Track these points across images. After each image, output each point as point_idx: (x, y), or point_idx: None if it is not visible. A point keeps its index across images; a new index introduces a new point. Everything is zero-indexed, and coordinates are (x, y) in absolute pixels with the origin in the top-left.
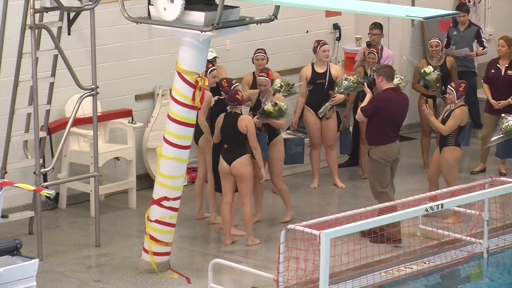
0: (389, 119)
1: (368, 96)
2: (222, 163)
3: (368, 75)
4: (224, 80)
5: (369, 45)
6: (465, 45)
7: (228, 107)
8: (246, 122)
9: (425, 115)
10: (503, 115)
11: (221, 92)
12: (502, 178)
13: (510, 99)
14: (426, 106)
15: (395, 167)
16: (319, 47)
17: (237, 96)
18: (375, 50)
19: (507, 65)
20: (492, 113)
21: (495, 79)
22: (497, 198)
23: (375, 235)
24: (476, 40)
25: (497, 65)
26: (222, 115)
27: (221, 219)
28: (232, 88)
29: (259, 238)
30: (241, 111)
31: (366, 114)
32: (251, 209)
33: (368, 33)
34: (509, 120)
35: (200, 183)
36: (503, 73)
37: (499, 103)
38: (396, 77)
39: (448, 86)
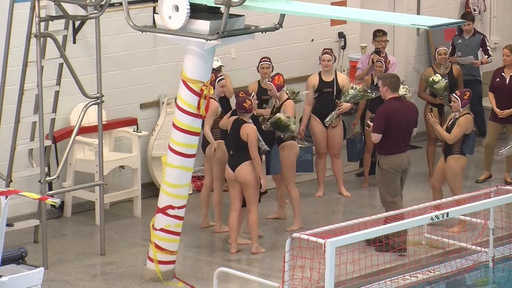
0: (396, 129)
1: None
2: (227, 170)
3: (375, 83)
4: (242, 92)
5: (378, 52)
6: (470, 53)
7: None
8: (248, 130)
9: (430, 123)
10: None
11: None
12: (508, 187)
13: None
14: (431, 115)
15: (404, 177)
16: (320, 56)
17: (244, 104)
18: (383, 59)
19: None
20: (496, 121)
21: (499, 88)
22: (503, 207)
23: (380, 244)
24: (481, 49)
25: (502, 73)
26: (231, 119)
27: (228, 227)
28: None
29: (264, 246)
30: (248, 119)
31: (379, 131)
32: (257, 216)
33: (376, 40)
34: None
35: (206, 192)
36: (507, 81)
37: (503, 112)
38: (403, 87)
39: (453, 94)
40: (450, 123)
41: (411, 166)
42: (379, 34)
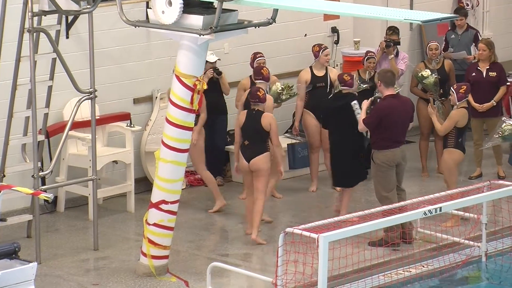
0: (392, 126)
1: (363, 113)
2: (242, 161)
3: (367, 79)
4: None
5: (388, 45)
6: (463, 48)
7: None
8: (270, 119)
9: (423, 118)
10: (503, 118)
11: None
12: (501, 181)
13: (493, 100)
14: (430, 106)
15: (401, 171)
16: (321, 51)
17: (258, 93)
18: (375, 55)
19: (488, 67)
20: (477, 116)
21: (477, 82)
22: (496, 201)
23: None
24: (474, 44)
25: (478, 68)
26: (244, 112)
27: (246, 209)
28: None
29: None
30: (264, 109)
31: (371, 126)
32: (263, 204)
33: (385, 37)
34: (507, 125)
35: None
36: (484, 75)
37: (482, 106)
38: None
39: (451, 88)
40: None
41: (406, 160)
42: (389, 32)
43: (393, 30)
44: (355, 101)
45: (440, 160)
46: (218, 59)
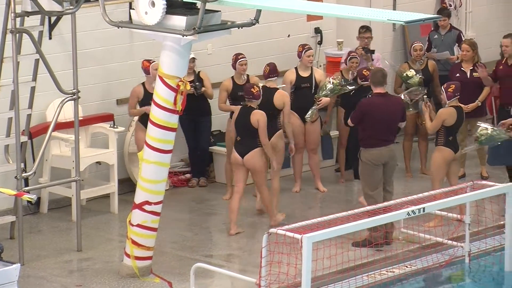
0: (377, 123)
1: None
2: (235, 155)
3: (351, 80)
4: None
5: (366, 51)
6: (446, 48)
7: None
8: (258, 116)
9: (407, 118)
10: (478, 123)
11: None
12: (484, 182)
13: (477, 101)
14: (424, 104)
15: (389, 171)
16: (304, 52)
17: (252, 90)
18: (357, 55)
19: (471, 68)
20: None
21: (461, 83)
22: (479, 202)
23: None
24: (457, 44)
25: (462, 68)
26: (238, 108)
27: (229, 208)
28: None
29: (241, 242)
30: (257, 107)
31: (353, 121)
32: (269, 194)
33: (360, 37)
34: (482, 129)
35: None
36: (468, 75)
37: (467, 107)
38: None
39: (442, 86)
40: None
41: (395, 160)
42: (362, 30)
43: (366, 28)
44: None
45: (424, 161)
46: (194, 58)
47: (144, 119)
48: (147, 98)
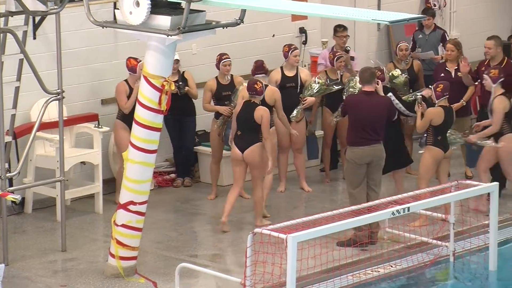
0: (359, 121)
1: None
2: (235, 150)
3: (338, 80)
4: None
5: (347, 50)
6: (430, 48)
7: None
8: (262, 112)
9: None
10: (449, 131)
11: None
12: (468, 181)
13: (462, 100)
14: (417, 103)
15: (375, 170)
16: (290, 52)
17: (255, 86)
18: (343, 54)
19: (456, 67)
20: None
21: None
22: (463, 201)
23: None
24: (441, 44)
25: (446, 68)
26: (241, 102)
27: (227, 200)
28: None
29: (226, 242)
30: (259, 102)
31: (341, 114)
32: (262, 192)
33: (336, 36)
34: (452, 134)
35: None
36: (453, 75)
37: (453, 106)
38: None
39: (430, 86)
40: None
41: (380, 160)
42: (339, 29)
43: (343, 27)
44: (390, 93)
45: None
46: (178, 60)
47: (125, 118)
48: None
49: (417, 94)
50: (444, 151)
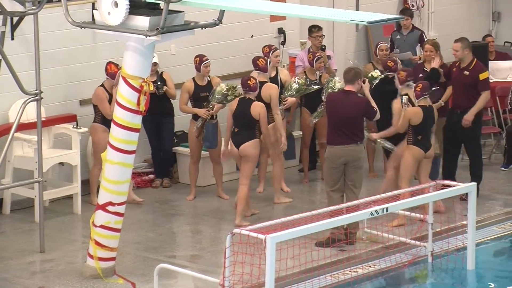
0: (335, 120)
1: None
2: (232, 147)
3: (317, 80)
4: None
5: (323, 49)
6: (408, 49)
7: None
8: (259, 109)
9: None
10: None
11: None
12: (446, 182)
13: (441, 101)
14: (397, 101)
15: (352, 170)
16: (271, 53)
17: (249, 82)
18: (322, 55)
19: None
20: None
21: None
22: (442, 201)
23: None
24: (419, 44)
25: (424, 69)
26: (236, 99)
27: (237, 199)
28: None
29: (204, 242)
30: (255, 98)
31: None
32: (248, 191)
33: (312, 36)
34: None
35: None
36: None
37: None
38: (338, 81)
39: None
40: None
41: (359, 161)
42: (314, 29)
43: (318, 27)
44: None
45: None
46: (157, 63)
47: (106, 121)
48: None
49: (402, 95)
50: (424, 151)
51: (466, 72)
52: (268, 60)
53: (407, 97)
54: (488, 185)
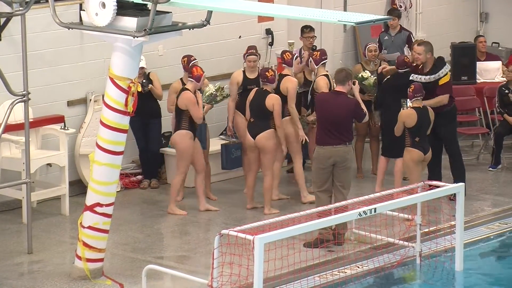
0: (324, 120)
1: None
2: (248, 137)
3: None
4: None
5: (314, 49)
6: (396, 49)
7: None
8: (274, 100)
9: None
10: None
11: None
12: (435, 182)
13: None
14: (403, 105)
15: (340, 171)
16: (246, 56)
17: (267, 73)
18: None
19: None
20: None
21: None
22: (430, 202)
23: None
24: (407, 45)
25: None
26: (254, 90)
27: (246, 185)
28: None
29: (192, 244)
30: (272, 90)
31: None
32: (272, 180)
33: (303, 36)
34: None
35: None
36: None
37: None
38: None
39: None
40: None
41: (347, 162)
42: (306, 30)
43: (310, 28)
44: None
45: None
46: (144, 67)
47: (191, 126)
48: None
49: (404, 100)
50: (424, 153)
51: None
52: (295, 55)
53: (409, 100)
54: (476, 186)
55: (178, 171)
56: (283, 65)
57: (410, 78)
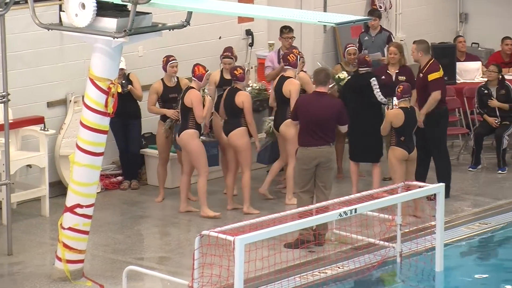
0: (308, 122)
1: None
2: (222, 135)
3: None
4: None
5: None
6: (377, 50)
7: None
8: (243, 98)
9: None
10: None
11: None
12: (415, 183)
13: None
14: (388, 105)
15: (323, 172)
16: (168, 64)
17: (235, 72)
18: (302, 54)
19: (397, 71)
20: None
21: (386, 86)
22: (410, 202)
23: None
24: (387, 46)
25: (387, 71)
26: (227, 89)
27: (226, 186)
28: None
29: (173, 244)
30: (243, 88)
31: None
32: (250, 177)
33: (283, 37)
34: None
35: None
36: (394, 79)
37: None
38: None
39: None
40: None
41: (331, 163)
42: (285, 30)
43: (289, 28)
44: (373, 78)
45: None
46: (124, 69)
47: (198, 125)
48: None
49: (390, 99)
50: (408, 152)
51: (421, 74)
52: (298, 56)
53: (397, 99)
54: (456, 186)
55: (200, 171)
56: (288, 67)
57: (371, 80)
